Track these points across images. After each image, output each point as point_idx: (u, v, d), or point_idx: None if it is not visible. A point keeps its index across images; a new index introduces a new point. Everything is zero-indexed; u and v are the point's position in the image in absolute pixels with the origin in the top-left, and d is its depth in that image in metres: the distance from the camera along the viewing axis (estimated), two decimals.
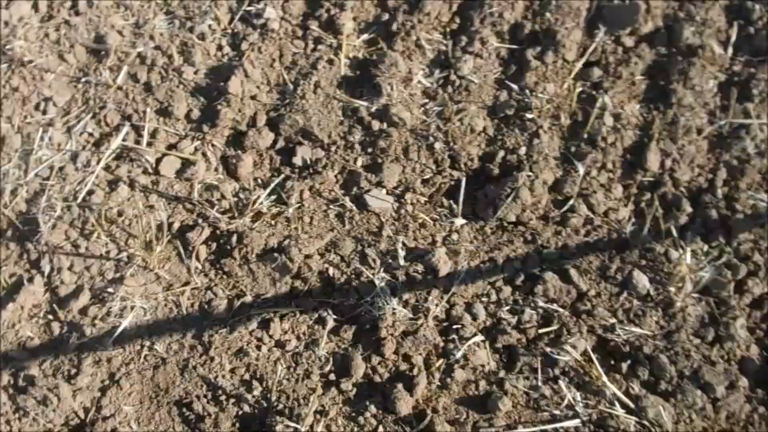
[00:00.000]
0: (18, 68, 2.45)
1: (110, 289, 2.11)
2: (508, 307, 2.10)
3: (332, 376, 2.01)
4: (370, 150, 2.32)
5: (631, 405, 1.84)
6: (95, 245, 2.17)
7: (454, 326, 2.07)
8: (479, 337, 1.99)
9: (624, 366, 1.91)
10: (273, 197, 2.23)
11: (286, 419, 1.86)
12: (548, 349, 1.94)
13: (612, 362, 1.94)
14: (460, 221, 2.23)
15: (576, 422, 1.83)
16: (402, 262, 2.11)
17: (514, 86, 2.44)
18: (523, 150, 2.33)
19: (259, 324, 2.08)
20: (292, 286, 2.13)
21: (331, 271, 2.11)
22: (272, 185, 2.23)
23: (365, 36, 2.49)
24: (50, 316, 2.13)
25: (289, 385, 1.99)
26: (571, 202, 2.23)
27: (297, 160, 2.29)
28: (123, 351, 2.06)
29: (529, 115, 2.38)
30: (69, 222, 2.21)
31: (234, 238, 2.14)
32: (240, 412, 1.95)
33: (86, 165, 2.30)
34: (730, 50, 2.48)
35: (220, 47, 2.48)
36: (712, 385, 1.84)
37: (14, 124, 2.39)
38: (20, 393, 2.03)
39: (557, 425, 1.83)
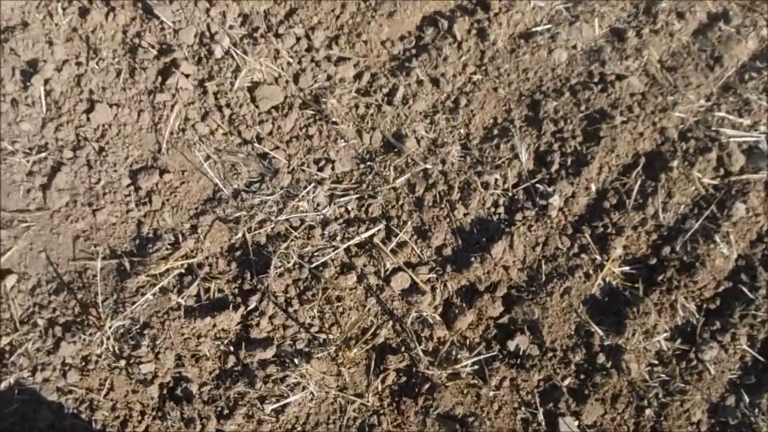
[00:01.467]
0: (320, 121, 2.99)
1: (295, 360, 2.45)
2: None
3: None
4: (582, 377, 2.57)
5: None
6: (304, 313, 2.55)
7: None
8: None
9: None
10: (476, 367, 2.52)
11: None
12: None
13: None
14: None
15: None
16: None
17: (746, 398, 2.63)
18: None
19: None
20: None
21: None
22: (480, 357, 2.52)
23: (627, 268, 2.81)
24: (231, 348, 2.49)
25: None
26: None
27: (511, 345, 2.58)
28: (275, 422, 2.37)
29: None
30: (294, 279, 2.61)
31: (426, 386, 2.43)
32: None
33: (332, 237, 2.72)
34: None
35: (496, 204, 2.89)
36: None
37: (291, 165, 2.89)
38: (172, 399, 2.37)
39: None
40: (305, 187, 2.83)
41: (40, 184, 2.73)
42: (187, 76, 3.04)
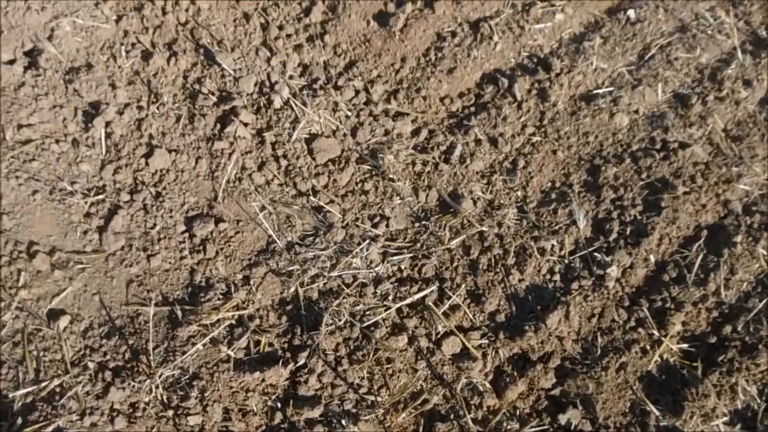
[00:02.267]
0: (377, 176, 3.16)
1: (343, 421, 2.58)
2: None
3: None
4: None
5: None
6: (354, 372, 2.68)
7: None
8: None
9: None
10: None
11: None
12: None
13: None
14: None
15: None
16: None
17: None
18: None
19: None
20: None
21: None
22: (531, 429, 2.62)
23: (686, 346, 2.90)
24: (278, 405, 2.63)
25: None
26: None
27: (562, 419, 2.68)
28: None
29: None
30: (345, 337, 2.76)
31: None
32: None
33: (384, 296, 2.87)
34: None
35: (551, 271, 3.02)
36: None
37: (346, 220, 3.06)
38: None
39: None
40: (359, 244, 2.99)
41: (96, 226, 2.94)
42: (245, 124, 3.25)
